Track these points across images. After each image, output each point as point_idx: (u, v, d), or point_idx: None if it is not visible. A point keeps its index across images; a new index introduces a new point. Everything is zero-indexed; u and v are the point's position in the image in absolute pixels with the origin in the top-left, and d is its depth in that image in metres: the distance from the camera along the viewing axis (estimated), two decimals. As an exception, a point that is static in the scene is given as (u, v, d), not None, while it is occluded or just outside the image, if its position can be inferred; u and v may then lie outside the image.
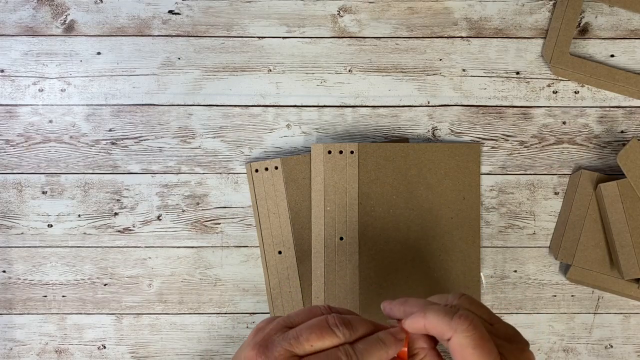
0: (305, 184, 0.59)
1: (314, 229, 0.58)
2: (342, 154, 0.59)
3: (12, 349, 0.60)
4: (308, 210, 0.59)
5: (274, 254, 0.59)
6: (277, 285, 0.59)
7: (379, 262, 0.59)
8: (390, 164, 0.59)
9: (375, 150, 0.59)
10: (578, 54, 0.61)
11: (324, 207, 0.59)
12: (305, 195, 0.59)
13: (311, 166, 0.59)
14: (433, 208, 0.59)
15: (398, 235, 0.59)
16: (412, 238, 0.59)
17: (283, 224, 0.59)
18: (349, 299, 0.58)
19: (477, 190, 0.59)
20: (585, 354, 0.61)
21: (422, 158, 0.59)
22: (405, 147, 0.59)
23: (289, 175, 0.59)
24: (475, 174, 0.60)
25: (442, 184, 0.59)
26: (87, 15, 0.60)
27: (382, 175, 0.59)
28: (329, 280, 0.58)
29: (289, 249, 0.59)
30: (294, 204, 0.59)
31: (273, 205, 0.59)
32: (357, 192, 0.59)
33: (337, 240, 0.58)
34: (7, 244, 0.60)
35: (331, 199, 0.58)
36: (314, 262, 0.58)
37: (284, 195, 0.59)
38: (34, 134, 0.60)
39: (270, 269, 0.59)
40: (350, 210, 0.59)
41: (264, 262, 0.59)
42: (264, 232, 0.59)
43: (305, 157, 0.59)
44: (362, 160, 0.59)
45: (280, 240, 0.59)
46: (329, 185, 0.59)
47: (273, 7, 0.60)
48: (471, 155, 0.59)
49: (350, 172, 0.59)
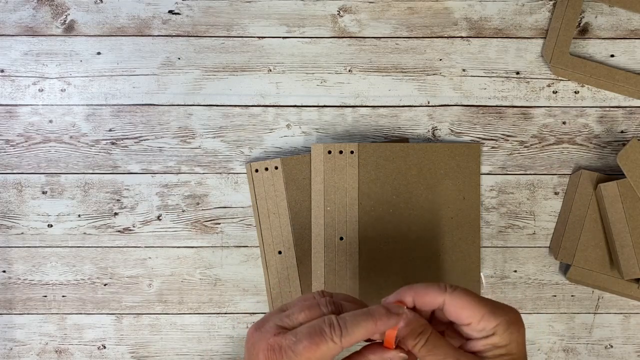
0: (305, 184, 0.59)
1: (314, 229, 0.58)
2: (342, 154, 0.59)
3: (12, 349, 0.60)
4: (308, 210, 0.59)
5: (274, 254, 0.59)
6: (277, 285, 0.59)
7: (379, 262, 0.59)
8: (390, 164, 0.59)
9: (375, 150, 0.59)
10: (578, 54, 0.61)
11: (324, 207, 0.59)
12: (305, 195, 0.59)
13: (311, 166, 0.59)
14: (433, 208, 0.59)
15: (398, 235, 0.59)
16: (412, 238, 0.59)
17: (283, 224, 0.59)
18: None
19: (477, 190, 0.59)
20: (585, 354, 0.61)
21: (422, 158, 0.59)
22: (405, 147, 0.59)
23: (289, 175, 0.59)
24: (475, 174, 0.60)
25: (442, 184, 0.59)
26: (87, 15, 0.60)
27: (382, 175, 0.59)
28: (329, 280, 0.58)
29: (289, 249, 0.59)
30: (294, 204, 0.59)
31: (273, 205, 0.59)
32: (357, 192, 0.59)
33: (337, 240, 0.58)
34: (7, 244, 0.60)
35: (331, 199, 0.58)
36: (314, 262, 0.58)
37: (284, 195, 0.59)
38: (34, 134, 0.60)
39: (270, 269, 0.59)
40: (350, 210, 0.59)
41: (264, 262, 0.59)
42: (264, 232, 0.59)
43: (305, 157, 0.59)
44: (362, 160, 0.59)
45: (280, 240, 0.59)
46: (329, 185, 0.59)
47: (273, 7, 0.61)
48: (471, 155, 0.59)
49: (350, 172, 0.59)
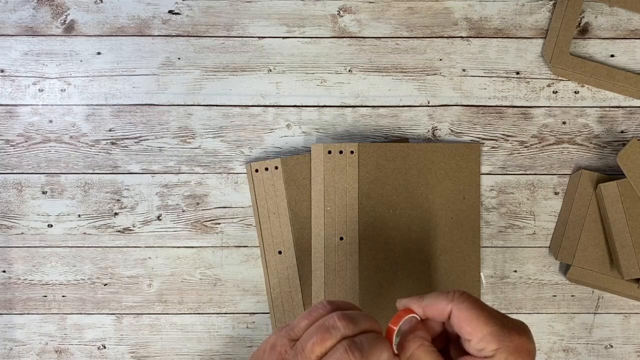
0: (305, 184, 0.59)
1: (314, 229, 0.58)
2: (342, 153, 0.59)
3: (12, 349, 0.60)
4: (308, 210, 0.59)
5: (274, 254, 0.59)
6: (277, 285, 0.59)
7: (379, 262, 0.59)
8: (390, 164, 0.59)
9: (375, 150, 0.59)
10: (578, 54, 0.61)
11: (324, 207, 0.59)
12: (306, 195, 0.59)
13: (311, 166, 0.59)
14: (433, 208, 0.59)
15: (398, 235, 0.59)
16: (412, 238, 0.59)
17: (283, 224, 0.59)
18: (349, 299, 0.58)
19: (477, 190, 0.59)
20: (585, 354, 0.61)
21: (422, 158, 0.59)
22: (405, 147, 0.59)
23: (289, 175, 0.59)
24: (475, 174, 0.60)
25: (442, 184, 0.59)
26: (87, 15, 0.60)
27: (382, 175, 0.59)
28: (329, 280, 0.58)
29: (289, 249, 0.59)
30: (293, 204, 0.59)
31: (273, 205, 0.59)
32: (357, 192, 0.59)
33: (337, 240, 0.58)
34: (7, 244, 0.60)
35: (331, 199, 0.58)
36: (314, 262, 0.58)
37: (284, 195, 0.59)
38: (34, 134, 0.60)
39: (270, 269, 0.59)
40: (350, 210, 0.59)
41: (264, 262, 0.59)
42: (264, 232, 0.59)
43: (305, 157, 0.59)
44: (362, 160, 0.59)
45: (280, 240, 0.59)
46: (330, 185, 0.59)
47: (273, 7, 0.61)
48: (471, 155, 0.59)
49: (350, 172, 0.59)
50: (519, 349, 0.37)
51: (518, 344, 0.37)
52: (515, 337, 0.38)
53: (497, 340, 0.37)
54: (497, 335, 0.37)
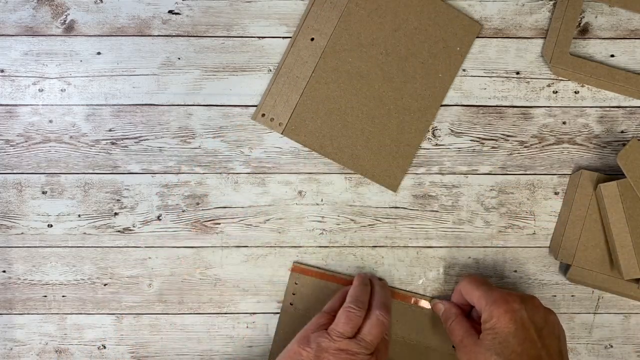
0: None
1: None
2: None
3: (12, 349, 0.60)
4: None
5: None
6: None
7: (333, 80, 0.59)
8: (394, 3, 0.60)
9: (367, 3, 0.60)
10: (578, 54, 0.61)
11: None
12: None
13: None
14: (406, 66, 0.59)
15: (368, 70, 0.59)
16: (377, 82, 0.59)
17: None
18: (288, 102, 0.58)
19: (454, 73, 0.60)
20: (585, 354, 0.61)
21: (426, 10, 0.59)
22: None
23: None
24: (461, 54, 0.60)
25: (429, 49, 0.59)
26: (87, 15, 0.60)
27: (378, 15, 0.60)
28: (280, 79, 0.58)
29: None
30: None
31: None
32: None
33: (308, 40, 0.59)
34: (7, 244, 0.60)
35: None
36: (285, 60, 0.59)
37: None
38: (34, 134, 0.60)
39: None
40: (333, 10, 0.59)
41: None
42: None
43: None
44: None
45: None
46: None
47: (273, 7, 0.61)
48: (468, 32, 0.60)
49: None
50: (499, 300, 0.50)
51: (497, 296, 0.50)
52: (498, 293, 0.51)
53: (485, 297, 0.51)
54: (486, 294, 0.51)
